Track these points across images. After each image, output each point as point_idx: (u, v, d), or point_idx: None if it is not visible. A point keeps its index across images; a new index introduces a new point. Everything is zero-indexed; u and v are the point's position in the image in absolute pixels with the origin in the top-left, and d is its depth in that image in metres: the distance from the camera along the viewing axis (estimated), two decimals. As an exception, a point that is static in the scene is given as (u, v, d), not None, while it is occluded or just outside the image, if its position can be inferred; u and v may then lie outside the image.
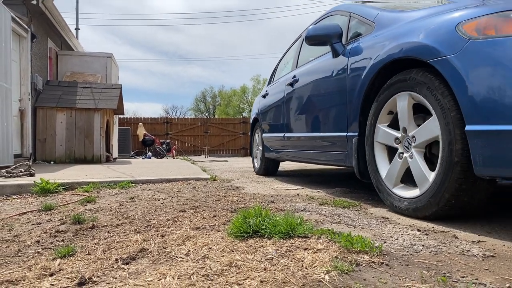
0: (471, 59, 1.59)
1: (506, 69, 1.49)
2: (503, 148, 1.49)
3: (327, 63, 2.90)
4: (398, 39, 2.04)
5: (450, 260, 1.30)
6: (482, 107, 1.54)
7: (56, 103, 7.33)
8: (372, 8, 2.69)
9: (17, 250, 1.58)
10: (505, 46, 1.50)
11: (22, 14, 6.51)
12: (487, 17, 1.60)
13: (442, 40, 1.72)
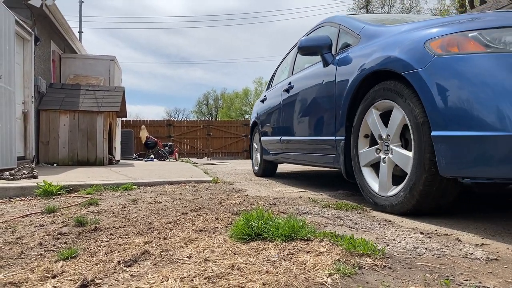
0: (435, 73, 1.78)
1: (464, 82, 1.67)
2: (462, 152, 1.67)
3: (319, 72, 3.10)
4: (378, 52, 2.23)
5: (453, 263, 1.30)
6: (444, 115, 1.73)
7: (59, 105, 7.36)
8: (358, 21, 2.88)
9: (20, 252, 1.58)
10: (464, 62, 1.69)
11: (25, 17, 6.55)
12: (449, 36, 1.81)
13: (413, 55, 1.92)
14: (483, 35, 1.71)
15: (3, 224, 2.12)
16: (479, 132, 1.61)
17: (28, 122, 6.59)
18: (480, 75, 1.64)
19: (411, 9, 30.48)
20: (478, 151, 1.63)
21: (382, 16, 3.32)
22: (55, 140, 7.31)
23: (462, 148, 1.67)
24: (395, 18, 3.17)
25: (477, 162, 1.64)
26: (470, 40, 1.73)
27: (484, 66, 1.64)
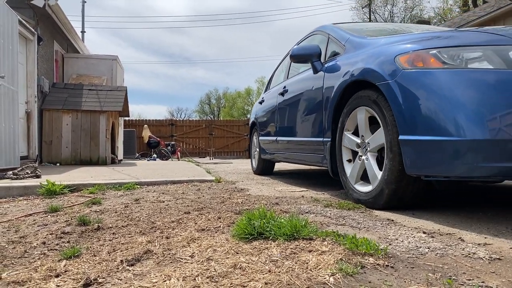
0: (402, 84, 2.01)
1: (426, 93, 1.90)
2: (424, 153, 1.91)
3: (309, 78, 3.34)
4: (359, 63, 2.45)
5: (456, 263, 1.29)
6: (409, 122, 1.96)
7: (62, 105, 7.39)
8: (344, 32, 3.10)
9: (23, 251, 1.59)
10: (426, 76, 1.91)
11: (29, 17, 6.57)
12: (415, 53, 2.01)
13: (385, 68, 2.14)
14: (442, 53, 1.93)
15: (7, 224, 2.13)
16: (437, 137, 1.84)
17: (31, 121, 6.61)
18: (438, 88, 1.85)
19: (414, 8, 30.37)
20: (437, 153, 1.85)
21: (369, 26, 3.68)
22: (58, 140, 7.33)
23: (423, 150, 1.91)
24: (380, 28, 3.48)
25: (435, 162, 1.87)
26: (431, 57, 1.94)
27: (441, 80, 1.85)
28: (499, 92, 1.73)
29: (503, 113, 1.70)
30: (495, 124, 1.70)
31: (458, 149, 1.77)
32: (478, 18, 10.88)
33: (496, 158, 1.70)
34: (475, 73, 1.81)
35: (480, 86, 1.76)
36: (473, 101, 1.75)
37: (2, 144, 4.75)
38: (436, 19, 27.82)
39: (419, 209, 2.31)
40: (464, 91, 1.78)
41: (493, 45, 1.86)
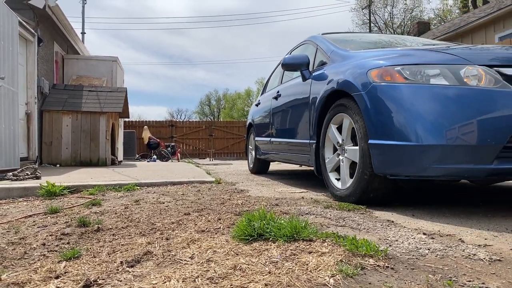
0: (372, 96, 2.27)
1: (390, 104, 2.16)
2: (388, 155, 2.17)
3: (299, 85, 3.61)
4: (340, 74, 2.72)
5: (456, 264, 1.29)
6: (377, 128, 2.23)
7: (62, 106, 7.39)
8: (330, 44, 3.35)
9: (23, 252, 1.59)
10: (391, 89, 2.18)
11: (29, 19, 6.58)
12: (383, 68, 2.27)
13: (359, 81, 2.41)
14: (404, 69, 2.17)
15: (7, 225, 2.13)
16: (399, 142, 2.10)
17: (31, 123, 6.61)
18: (400, 100, 2.13)
19: (414, 9, 30.40)
20: (399, 156, 2.12)
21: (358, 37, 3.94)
22: (58, 141, 7.33)
23: (388, 153, 2.17)
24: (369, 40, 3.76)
25: (398, 163, 2.14)
26: (396, 73, 2.20)
27: (403, 93, 2.12)
28: (450, 104, 1.99)
29: (452, 122, 1.96)
30: (445, 132, 1.97)
31: (415, 152, 2.04)
32: (477, 19, 10.90)
33: (445, 160, 1.98)
34: (431, 88, 2.06)
35: (435, 99, 2.03)
36: (428, 112, 2.02)
37: (2, 145, 4.75)
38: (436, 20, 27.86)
39: (419, 210, 2.31)
40: (420, 103, 2.05)
41: (448, 64, 2.09)
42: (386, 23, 31.88)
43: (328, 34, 3.84)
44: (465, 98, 1.97)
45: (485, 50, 2.40)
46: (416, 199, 2.79)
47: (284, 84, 4.26)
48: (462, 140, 1.94)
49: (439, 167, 2.00)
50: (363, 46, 3.28)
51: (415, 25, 18.79)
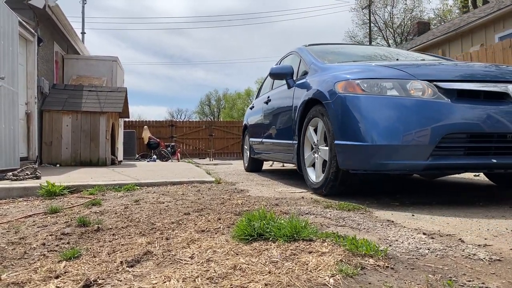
0: (337, 104, 2.68)
1: (351, 111, 2.55)
2: (349, 153, 2.59)
3: (285, 91, 4.03)
4: (315, 84, 3.14)
5: (456, 264, 1.29)
6: (341, 130, 2.64)
7: (62, 106, 7.39)
8: (311, 56, 3.74)
9: (23, 252, 1.59)
10: (351, 99, 2.57)
11: (29, 18, 6.57)
12: (346, 81, 2.67)
13: (329, 91, 2.81)
14: (362, 83, 2.56)
15: (6, 225, 2.13)
16: (357, 142, 2.49)
17: (31, 122, 6.61)
18: (358, 108, 2.52)
19: (414, 9, 30.40)
20: (357, 153, 2.51)
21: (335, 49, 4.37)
22: (58, 141, 7.33)
23: (349, 151, 2.57)
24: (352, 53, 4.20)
25: (357, 160, 2.54)
26: (356, 85, 2.58)
27: (361, 102, 2.52)
28: (397, 112, 2.38)
29: (398, 127, 2.35)
30: (392, 134, 2.36)
31: (370, 151, 2.44)
32: (477, 19, 10.90)
33: (392, 157, 2.39)
34: (383, 98, 2.46)
35: (385, 108, 2.42)
36: (380, 118, 2.43)
37: (2, 145, 4.75)
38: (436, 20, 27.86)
39: (419, 210, 2.31)
40: (374, 111, 2.45)
41: (398, 78, 2.48)
42: (386, 23, 31.87)
43: (312, 46, 4.22)
44: (408, 107, 2.36)
45: (430, 66, 2.86)
46: (416, 199, 2.79)
47: (274, 90, 4.67)
48: (405, 141, 2.33)
49: (388, 163, 2.41)
50: (340, 59, 3.69)
51: (415, 25, 18.80)
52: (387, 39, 32.12)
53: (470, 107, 2.31)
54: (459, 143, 2.33)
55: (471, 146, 2.33)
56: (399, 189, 3.38)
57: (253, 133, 5.49)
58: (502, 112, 2.31)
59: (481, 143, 2.35)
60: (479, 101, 2.36)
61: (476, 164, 2.38)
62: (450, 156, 2.35)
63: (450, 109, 2.30)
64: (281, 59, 4.99)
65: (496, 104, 2.35)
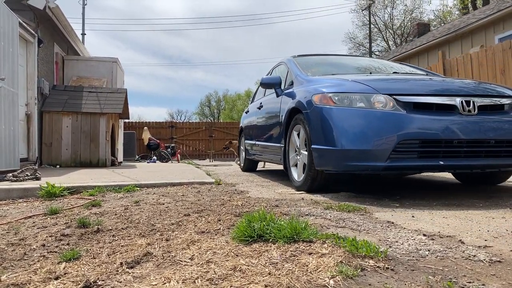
0: (313, 114, 3.06)
1: (324, 120, 2.92)
2: (322, 156, 2.96)
3: (274, 99, 4.43)
4: (298, 95, 3.53)
5: (456, 265, 1.29)
6: (316, 136, 3.01)
7: (62, 107, 7.39)
8: (296, 68, 4.14)
9: (22, 253, 1.59)
10: (325, 110, 2.93)
11: (29, 20, 6.58)
12: (321, 94, 3.03)
13: (307, 102, 3.19)
14: (334, 96, 2.93)
15: (6, 226, 2.13)
16: (328, 147, 2.87)
17: (31, 123, 6.61)
18: (330, 117, 2.88)
19: (414, 10, 30.43)
20: (328, 156, 2.90)
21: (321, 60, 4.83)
22: (58, 142, 7.33)
23: (323, 154, 2.95)
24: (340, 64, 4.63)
25: (328, 161, 2.93)
26: (329, 98, 2.94)
27: (332, 113, 2.88)
28: (362, 121, 2.74)
29: (362, 134, 2.72)
30: (358, 140, 2.72)
31: (339, 154, 2.80)
32: (477, 20, 10.91)
33: (357, 159, 2.74)
34: (350, 110, 2.81)
35: (353, 118, 2.79)
36: (348, 126, 2.79)
37: (2, 146, 4.75)
38: (436, 22, 27.87)
39: (419, 211, 2.31)
40: (343, 120, 2.82)
41: (364, 92, 2.83)
42: (386, 24, 31.90)
43: (299, 57, 4.64)
44: (371, 117, 2.72)
45: (393, 81, 3.29)
46: (416, 200, 2.79)
47: (266, 97, 5.11)
48: (367, 146, 2.68)
49: (355, 164, 2.76)
50: (321, 71, 4.13)
51: (415, 27, 18.81)
52: (387, 41, 32.15)
53: (423, 118, 2.67)
54: (413, 148, 2.67)
55: (423, 150, 2.69)
56: (399, 191, 3.37)
57: (248, 135, 5.90)
58: (450, 121, 2.67)
59: (431, 148, 2.69)
60: (431, 112, 2.72)
61: (427, 165, 2.77)
62: (405, 158, 2.70)
63: (406, 119, 2.65)
64: (272, 68, 5.46)
65: (446, 115, 2.70)
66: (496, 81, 6.88)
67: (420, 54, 13.32)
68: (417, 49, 13.20)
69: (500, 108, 2.88)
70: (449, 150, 2.70)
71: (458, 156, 2.73)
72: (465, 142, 2.69)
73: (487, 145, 2.74)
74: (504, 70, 6.74)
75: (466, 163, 2.76)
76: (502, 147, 2.78)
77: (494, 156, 2.80)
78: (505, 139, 2.76)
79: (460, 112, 2.71)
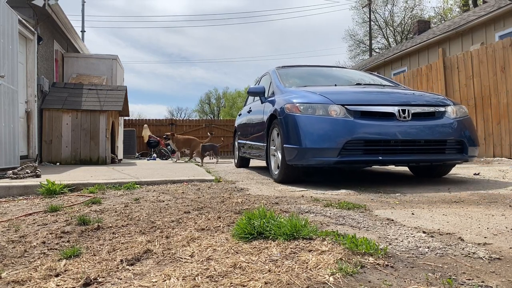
0: (285, 120, 3.72)
1: (292, 125, 3.57)
2: (291, 153, 3.58)
3: (259, 105, 5.17)
4: (275, 104, 4.16)
5: (456, 263, 1.29)
6: (286, 137, 3.67)
7: (62, 105, 7.38)
8: (277, 79, 4.86)
9: (23, 250, 1.59)
10: (294, 117, 3.59)
11: (28, 17, 6.57)
12: (291, 103, 3.70)
13: (280, 110, 3.86)
14: (300, 105, 3.61)
15: (7, 223, 2.13)
16: (295, 146, 3.52)
17: (31, 121, 6.61)
18: (297, 123, 3.53)
19: (414, 7, 30.35)
20: (296, 153, 3.53)
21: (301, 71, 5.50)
22: (58, 139, 7.33)
23: (291, 152, 3.59)
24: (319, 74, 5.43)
25: (296, 157, 3.56)
26: (296, 107, 3.62)
27: (299, 119, 3.54)
28: (320, 126, 3.43)
29: (320, 136, 3.41)
30: (317, 141, 3.41)
31: (303, 151, 3.46)
32: (478, 18, 10.88)
33: (316, 155, 3.41)
34: (312, 117, 3.49)
35: (314, 123, 3.47)
36: (310, 130, 3.46)
37: (2, 143, 4.75)
38: (436, 19, 27.80)
39: (418, 209, 2.31)
40: (307, 125, 3.48)
41: (322, 103, 3.52)
42: (386, 21, 31.83)
43: (281, 69, 5.36)
44: (327, 123, 3.41)
45: (347, 93, 3.88)
46: (415, 198, 2.79)
47: (254, 103, 5.81)
48: (324, 145, 3.37)
49: (314, 159, 3.44)
50: (297, 83, 4.81)
51: (415, 24, 18.75)
52: (387, 38, 32.08)
53: (367, 123, 3.37)
54: (358, 147, 3.36)
55: (366, 148, 3.38)
56: (399, 188, 3.38)
57: (240, 135, 6.60)
58: (388, 126, 3.37)
59: (373, 147, 3.38)
60: (374, 119, 3.41)
61: (369, 160, 3.46)
62: (352, 154, 3.38)
63: (353, 124, 3.34)
64: (260, 77, 6.29)
65: (386, 121, 3.40)
66: (496, 78, 6.87)
67: (420, 51, 13.29)
68: (417, 47, 13.17)
69: (431, 115, 3.56)
70: (387, 148, 3.38)
71: (395, 153, 3.41)
72: (400, 142, 3.37)
73: (418, 144, 3.42)
74: (504, 67, 6.73)
75: (402, 158, 3.46)
76: (431, 146, 3.46)
77: (425, 153, 3.48)
78: (433, 139, 3.44)
79: (397, 118, 3.41)
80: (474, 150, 3.64)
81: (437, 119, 3.53)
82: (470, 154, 3.58)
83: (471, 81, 7.50)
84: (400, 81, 9.65)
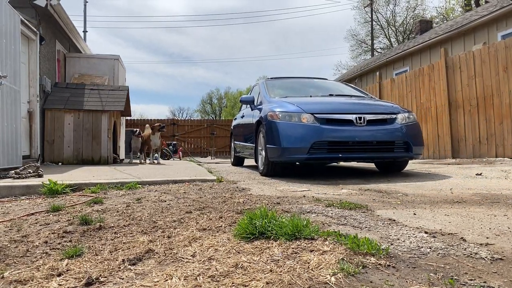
0: (268, 125, 4.60)
1: (273, 129, 4.46)
2: (272, 152, 4.49)
3: (250, 112, 6.07)
4: (262, 111, 5.00)
5: (458, 263, 1.29)
6: (269, 139, 4.53)
7: (64, 105, 7.40)
8: (264, 90, 5.75)
9: (25, 250, 1.59)
10: (274, 123, 4.47)
11: (31, 17, 6.58)
12: (273, 112, 4.58)
13: (264, 117, 4.72)
14: (279, 114, 4.48)
15: (9, 223, 2.14)
16: (275, 146, 4.37)
17: (33, 121, 6.63)
18: (277, 128, 4.38)
19: (416, 7, 30.29)
20: (275, 152, 4.40)
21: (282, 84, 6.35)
22: (60, 139, 7.35)
23: (272, 151, 4.45)
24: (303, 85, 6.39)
25: (275, 155, 4.42)
26: (276, 115, 4.49)
27: (279, 125, 4.39)
28: (294, 130, 4.28)
29: (294, 138, 4.25)
30: (291, 142, 4.25)
31: (281, 150, 4.31)
32: (480, 17, 10.85)
33: (291, 154, 4.27)
34: (288, 123, 4.33)
35: (289, 128, 4.30)
36: (287, 134, 4.30)
37: (4, 143, 4.76)
38: (438, 19, 27.75)
39: (420, 209, 2.31)
40: (284, 130, 4.32)
41: (296, 112, 4.36)
42: (388, 21, 31.77)
43: (269, 80, 6.34)
44: (300, 128, 4.26)
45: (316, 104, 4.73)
46: (417, 198, 2.78)
47: (247, 109, 6.57)
48: (296, 145, 4.22)
49: (289, 157, 4.31)
50: (281, 94, 5.60)
51: (417, 24, 18.71)
52: (389, 38, 32.03)
53: (330, 128, 4.22)
54: (323, 146, 4.20)
55: (329, 148, 4.22)
56: (400, 189, 3.37)
57: (235, 137, 7.40)
58: (347, 130, 4.23)
59: (334, 146, 4.22)
60: (336, 124, 4.27)
61: (332, 157, 4.39)
62: (319, 153, 4.23)
63: (319, 129, 4.20)
64: (252, 87, 7.25)
65: (346, 126, 4.25)
66: (499, 78, 6.85)
67: (422, 51, 13.26)
68: (419, 47, 13.14)
69: (384, 121, 4.40)
70: (346, 147, 4.24)
71: (352, 151, 4.28)
72: (357, 143, 4.22)
73: (371, 144, 4.27)
74: (507, 67, 6.71)
75: (358, 156, 4.39)
76: (382, 146, 4.31)
77: (377, 151, 4.35)
78: (383, 140, 4.30)
79: (355, 124, 4.23)
80: (418, 149, 4.49)
81: (388, 124, 4.38)
82: (415, 152, 4.42)
83: (473, 81, 7.48)
84: (402, 81, 9.64)
